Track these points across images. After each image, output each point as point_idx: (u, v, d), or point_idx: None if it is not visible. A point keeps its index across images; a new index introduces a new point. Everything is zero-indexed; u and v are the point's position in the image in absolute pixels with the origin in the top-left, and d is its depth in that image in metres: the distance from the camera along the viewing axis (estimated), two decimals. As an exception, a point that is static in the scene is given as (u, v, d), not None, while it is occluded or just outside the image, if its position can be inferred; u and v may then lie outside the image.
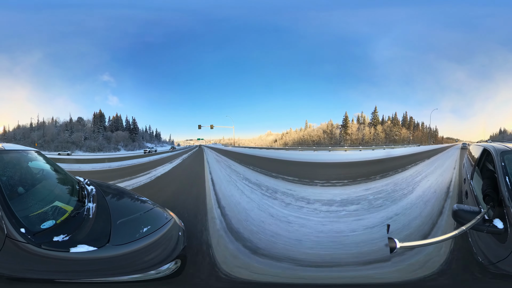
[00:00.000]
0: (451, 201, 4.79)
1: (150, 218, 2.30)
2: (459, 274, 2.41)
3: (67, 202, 2.19)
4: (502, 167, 2.20)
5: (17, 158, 2.41)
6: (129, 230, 2.05)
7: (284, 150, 28.26)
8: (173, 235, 2.16)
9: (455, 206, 1.83)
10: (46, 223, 1.80)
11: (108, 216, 2.19)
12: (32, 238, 1.63)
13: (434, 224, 3.70)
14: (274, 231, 3.62)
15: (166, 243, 2.07)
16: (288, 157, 16.38)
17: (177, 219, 2.36)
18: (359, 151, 23.57)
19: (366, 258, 2.83)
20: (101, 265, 1.70)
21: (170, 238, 2.12)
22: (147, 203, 2.59)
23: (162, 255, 1.95)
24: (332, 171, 9.65)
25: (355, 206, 4.83)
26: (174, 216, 2.38)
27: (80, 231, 1.87)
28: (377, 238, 3.34)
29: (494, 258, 1.79)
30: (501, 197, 1.91)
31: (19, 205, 1.84)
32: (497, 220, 1.73)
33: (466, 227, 1.61)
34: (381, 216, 4.20)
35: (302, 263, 2.80)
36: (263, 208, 4.69)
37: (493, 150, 2.62)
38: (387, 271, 2.57)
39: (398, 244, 1.48)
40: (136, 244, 1.90)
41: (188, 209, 4.51)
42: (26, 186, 2.18)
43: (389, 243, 1.49)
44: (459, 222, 1.73)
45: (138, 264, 1.81)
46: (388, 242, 1.49)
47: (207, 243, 3.11)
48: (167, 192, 6.15)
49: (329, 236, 3.51)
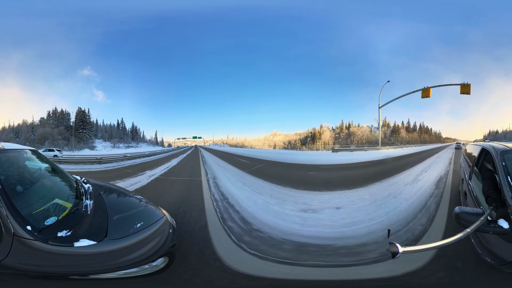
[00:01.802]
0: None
1: (144, 215, 2.45)
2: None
3: (66, 199, 2.32)
4: (503, 167, 2.15)
5: (16, 157, 2.50)
6: (124, 226, 2.18)
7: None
8: (164, 232, 2.27)
9: (457, 209, 1.78)
10: (49, 220, 1.91)
11: (105, 212, 2.34)
12: (39, 235, 1.72)
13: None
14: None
15: (157, 239, 2.17)
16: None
17: (169, 217, 2.50)
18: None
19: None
20: (102, 258, 1.85)
21: (161, 234, 2.24)
22: (141, 201, 2.76)
23: (152, 250, 2.07)
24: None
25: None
26: (166, 214, 2.53)
27: (80, 227, 2.00)
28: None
29: (507, 258, 1.75)
30: (504, 197, 1.89)
31: (22, 203, 1.91)
32: (501, 220, 1.72)
33: (471, 229, 1.58)
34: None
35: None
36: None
37: (492, 150, 2.55)
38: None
39: (401, 249, 1.45)
40: (131, 238, 2.04)
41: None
42: (26, 184, 2.27)
43: (391, 248, 1.46)
44: (462, 224, 1.71)
45: (133, 258, 1.95)
46: (390, 247, 1.47)
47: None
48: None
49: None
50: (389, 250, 1.47)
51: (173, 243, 2.31)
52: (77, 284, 1.91)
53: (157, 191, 6.77)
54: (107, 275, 1.90)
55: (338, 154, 23.77)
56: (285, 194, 6.06)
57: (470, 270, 2.39)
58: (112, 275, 1.91)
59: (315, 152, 31.72)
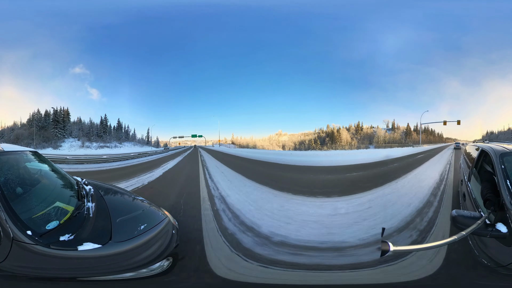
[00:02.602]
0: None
1: (147, 217, 2.43)
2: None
3: (68, 202, 2.27)
4: (502, 170, 2.12)
5: (16, 159, 2.46)
6: (128, 228, 2.15)
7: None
8: (168, 233, 2.26)
9: (454, 212, 1.77)
10: (51, 224, 1.87)
11: (108, 214, 2.30)
12: (40, 239, 1.69)
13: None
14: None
15: (161, 240, 2.16)
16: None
17: (171, 218, 2.48)
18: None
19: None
20: (107, 261, 1.83)
21: (165, 235, 2.23)
22: (143, 203, 2.72)
23: (157, 252, 2.05)
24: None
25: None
26: (169, 215, 2.50)
27: (83, 230, 1.97)
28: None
29: (505, 261, 1.76)
30: (503, 201, 1.87)
31: (22, 207, 1.88)
32: (499, 224, 1.71)
33: (466, 232, 1.59)
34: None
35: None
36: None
37: (491, 151, 2.50)
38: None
39: (392, 247, 1.42)
40: (135, 240, 2.01)
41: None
42: (26, 187, 2.24)
43: (382, 246, 1.44)
44: (459, 228, 1.71)
45: (140, 259, 1.93)
46: (381, 245, 1.44)
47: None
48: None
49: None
50: (380, 248, 1.44)
51: (176, 244, 2.30)
52: (83, 285, 1.88)
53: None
54: (113, 277, 1.88)
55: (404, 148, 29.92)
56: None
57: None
58: (119, 277, 1.88)
59: (368, 151, 31.69)
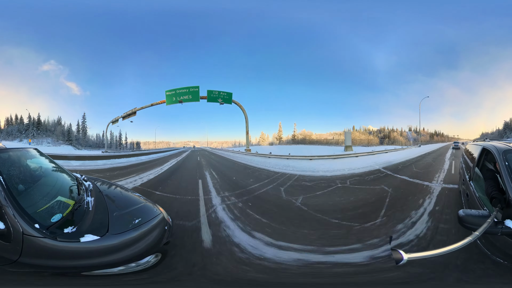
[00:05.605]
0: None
1: (142, 212, 2.56)
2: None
3: (69, 197, 2.45)
4: (506, 167, 2.11)
5: (18, 156, 2.59)
6: (124, 221, 2.30)
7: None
8: (160, 229, 2.35)
9: (461, 212, 1.74)
10: (55, 217, 2.01)
11: (105, 208, 2.46)
12: (47, 232, 1.81)
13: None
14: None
15: (153, 235, 2.25)
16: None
17: (165, 215, 2.60)
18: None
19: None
20: (105, 251, 1.98)
21: (158, 231, 2.31)
22: (139, 198, 2.90)
23: (149, 246, 2.16)
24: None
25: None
26: (163, 211, 2.63)
27: (83, 223, 2.13)
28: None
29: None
30: (509, 197, 1.86)
31: (26, 202, 2.00)
32: (508, 221, 1.71)
33: (479, 232, 1.55)
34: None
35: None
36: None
37: (494, 149, 2.48)
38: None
39: (405, 255, 1.41)
40: (130, 233, 2.14)
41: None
42: (28, 183, 2.37)
43: (394, 254, 1.43)
44: (467, 227, 1.68)
45: (132, 252, 2.06)
46: (393, 254, 1.43)
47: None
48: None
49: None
50: (392, 257, 1.44)
51: (167, 240, 2.39)
52: (71, 281, 2.03)
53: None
54: (100, 272, 1.99)
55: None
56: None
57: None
58: (107, 271, 1.99)
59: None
